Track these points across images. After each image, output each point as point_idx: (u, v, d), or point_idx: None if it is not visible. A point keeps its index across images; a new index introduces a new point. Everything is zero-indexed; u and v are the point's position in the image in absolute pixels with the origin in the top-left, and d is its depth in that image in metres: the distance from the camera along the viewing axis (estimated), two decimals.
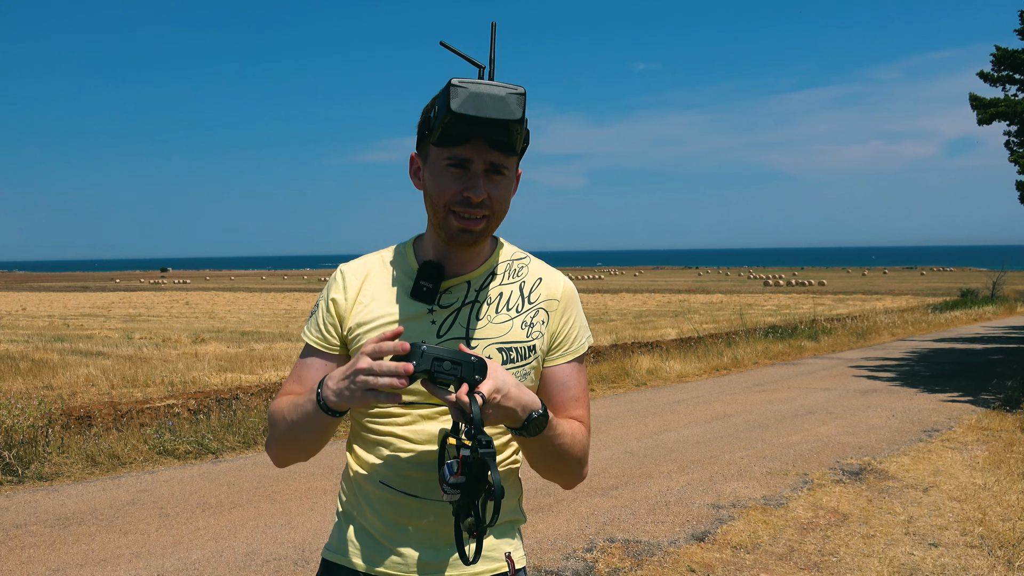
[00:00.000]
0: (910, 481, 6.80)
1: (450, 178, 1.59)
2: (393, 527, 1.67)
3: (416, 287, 1.67)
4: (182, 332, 24.15)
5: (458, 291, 1.70)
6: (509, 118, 1.50)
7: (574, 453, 1.69)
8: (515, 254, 1.80)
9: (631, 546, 5.29)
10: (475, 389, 1.42)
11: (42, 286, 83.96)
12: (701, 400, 11.35)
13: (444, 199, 1.60)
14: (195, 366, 14.92)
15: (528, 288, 1.75)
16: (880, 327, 22.41)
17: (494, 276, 1.74)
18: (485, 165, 1.58)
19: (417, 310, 1.68)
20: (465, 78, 1.51)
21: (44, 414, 8.80)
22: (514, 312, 1.71)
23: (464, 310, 1.69)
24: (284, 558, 5.12)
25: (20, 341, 20.78)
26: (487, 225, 1.63)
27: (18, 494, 6.66)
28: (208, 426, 8.57)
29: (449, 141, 1.57)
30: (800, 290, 57.59)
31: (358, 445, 1.75)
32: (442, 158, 1.60)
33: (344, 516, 1.76)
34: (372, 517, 1.69)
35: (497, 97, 1.49)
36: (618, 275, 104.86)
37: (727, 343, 17.32)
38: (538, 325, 1.72)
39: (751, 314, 28.70)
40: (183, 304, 45.54)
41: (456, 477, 1.42)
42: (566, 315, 1.76)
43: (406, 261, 1.75)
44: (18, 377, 13.42)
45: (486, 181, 1.59)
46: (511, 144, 1.57)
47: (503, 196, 1.63)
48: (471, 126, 1.51)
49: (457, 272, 1.70)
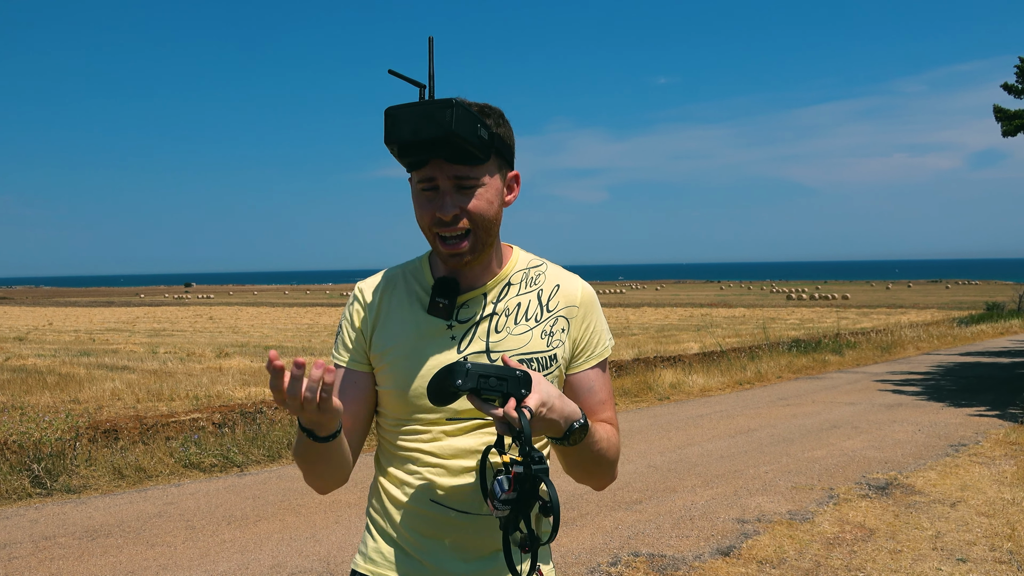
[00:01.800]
0: (937, 496, 6.74)
1: (425, 200, 1.59)
2: (422, 540, 1.67)
3: (432, 304, 1.66)
4: (206, 346, 24.31)
5: (475, 304, 1.69)
6: (440, 133, 1.47)
7: (609, 457, 1.70)
8: (531, 262, 1.78)
9: (656, 560, 5.28)
10: (522, 403, 1.41)
11: (68, 301, 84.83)
12: (725, 414, 11.30)
13: (425, 223, 1.61)
14: (219, 380, 15.02)
15: (546, 296, 1.73)
16: (905, 341, 22.23)
17: (510, 286, 1.72)
18: (451, 181, 1.56)
19: (435, 326, 1.67)
20: (397, 104, 1.51)
21: (71, 427, 8.89)
22: (533, 322, 1.70)
23: (483, 324, 1.68)
24: (309, 571, 5.15)
25: (47, 355, 20.99)
26: (474, 241, 1.61)
27: (47, 506, 6.73)
28: (233, 439, 8.63)
29: (413, 166, 1.57)
30: (823, 304, 57.23)
31: (384, 460, 1.75)
32: (415, 182, 1.60)
33: (374, 528, 1.75)
34: (402, 530, 1.69)
35: (423, 116, 1.48)
36: (640, 289, 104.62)
37: (750, 357, 17.24)
38: (558, 333, 1.70)
39: (774, 328, 28.54)
40: (207, 319, 45.86)
41: (508, 493, 1.42)
42: (587, 320, 1.75)
43: (422, 275, 1.74)
44: (46, 391, 13.56)
45: (457, 196, 1.57)
46: (468, 154, 1.53)
47: (481, 206, 1.59)
48: (417, 150, 1.52)
49: (472, 285, 1.69)
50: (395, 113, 1.50)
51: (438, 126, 1.47)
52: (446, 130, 1.47)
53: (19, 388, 13.87)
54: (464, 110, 1.49)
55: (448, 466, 1.65)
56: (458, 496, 1.65)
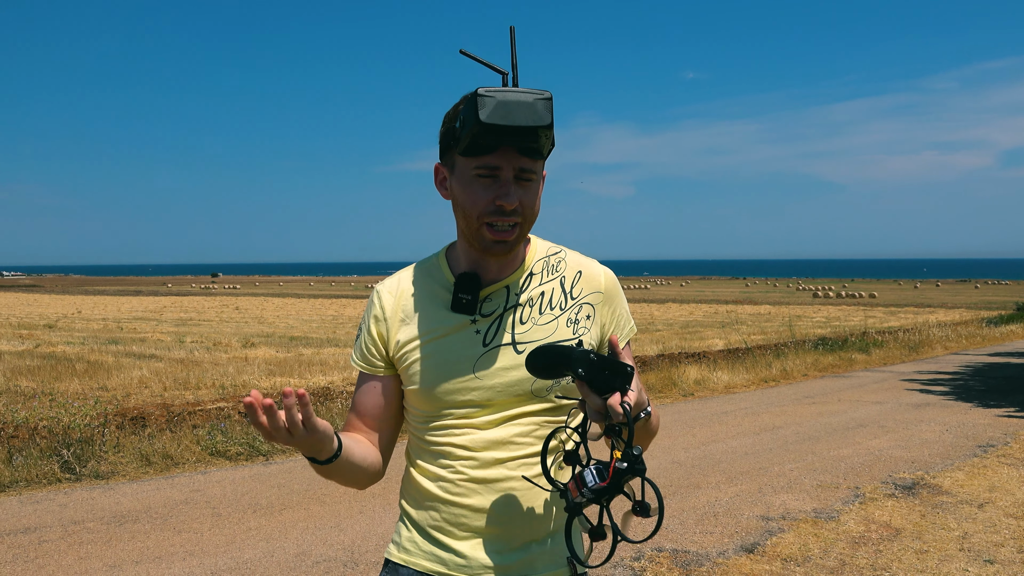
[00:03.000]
0: (965, 497, 6.67)
1: (480, 188, 1.59)
2: (455, 531, 1.68)
3: (455, 300, 1.67)
4: (232, 336, 24.51)
5: (498, 297, 1.69)
6: (539, 124, 1.49)
7: (653, 431, 1.72)
8: (550, 249, 1.78)
9: (679, 556, 5.26)
10: (625, 399, 1.42)
11: (97, 290, 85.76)
12: (749, 411, 11.24)
13: (477, 210, 1.60)
14: (245, 370, 15.14)
15: (569, 283, 1.73)
16: (933, 340, 22.00)
17: (532, 276, 1.72)
18: (514, 172, 1.57)
19: (459, 322, 1.68)
20: (490, 87, 1.50)
21: (100, 414, 9.00)
22: (558, 310, 1.70)
23: (507, 316, 1.68)
24: (334, 559, 5.18)
25: (76, 343, 21.24)
26: (519, 232, 1.62)
27: (76, 491, 6.82)
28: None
29: (477, 151, 1.56)
30: (850, 302, 56.78)
31: (415, 454, 1.76)
32: (470, 168, 1.59)
33: (407, 519, 1.77)
34: (435, 521, 1.70)
35: (525, 104, 1.48)
36: (664, 285, 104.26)
37: (776, 354, 17.14)
38: (583, 320, 1.71)
39: (800, 326, 28.35)
40: (233, 309, 46.22)
41: (602, 484, 1.41)
42: (611, 305, 1.76)
43: (441, 273, 1.74)
44: (75, 378, 13.73)
45: (516, 188, 1.58)
46: (540, 149, 1.56)
47: (533, 201, 1.61)
48: (500, 135, 1.51)
49: (494, 279, 1.70)
50: (493, 95, 1.49)
51: (536, 116, 1.48)
52: (543, 123, 1.49)
53: (49, 375, 14.06)
54: (552, 106, 1.50)
55: (480, 458, 1.66)
56: (478, 489, 1.66)
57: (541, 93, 1.49)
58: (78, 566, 5.07)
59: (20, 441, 7.85)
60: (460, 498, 1.67)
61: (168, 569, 5.02)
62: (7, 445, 7.63)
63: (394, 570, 1.75)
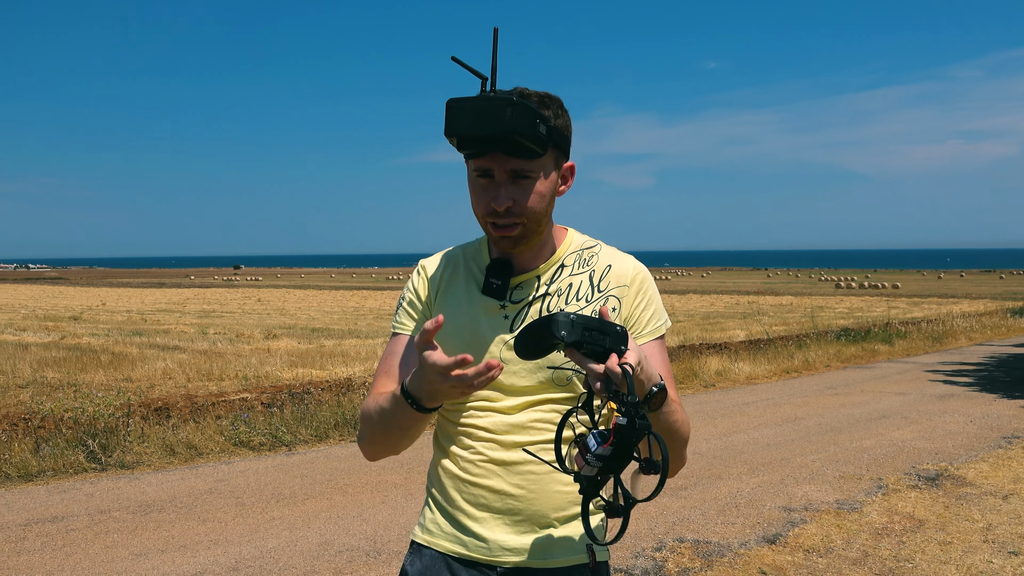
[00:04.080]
0: (989, 488, 6.62)
1: (480, 190, 1.63)
2: (477, 510, 1.71)
3: (487, 284, 1.71)
4: (255, 328, 24.66)
5: (528, 286, 1.73)
6: (498, 131, 1.49)
7: (683, 433, 1.71)
8: (585, 243, 1.81)
9: (701, 546, 5.26)
10: (623, 360, 1.39)
11: (121, 282, 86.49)
12: (771, 402, 11.20)
13: (479, 210, 1.65)
14: (268, 361, 15.23)
15: (598, 276, 1.76)
16: (957, 331, 21.82)
17: (564, 268, 1.76)
18: (507, 173, 1.59)
19: (489, 305, 1.72)
20: (459, 97, 1.52)
21: (124, 405, 9.09)
22: (584, 302, 1.72)
23: (535, 304, 1.72)
24: (356, 549, 5.22)
25: (101, 335, 21.44)
26: (524, 230, 1.64)
27: (102, 481, 6.90)
28: (281, 419, 8.76)
29: (470, 155, 1.61)
30: (873, 293, 56.38)
31: (441, 435, 1.80)
32: (472, 170, 1.64)
33: (432, 501, 1.80)
34: (457, 502, 1.73)
35: (483, 111, 1.49)
36: (685, 276, 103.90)
37: (798, 345, 17.04)
38: (609, 313, 1.69)
39: (822, 317, 28.19)
40: (255, 301, 46.49)
41: (605, 447, 1.34)
42: (637, 298, 1.76)
43: (480, 256, 1.79)
44: (99, 369, 13.86)
45: (511, 187, 1.60)
46: (526, 149, 1.56)
47: (534, 200, 1.62)
48: (474, 143, 1.54)
49: (526, 268, 1.74)
50: (456, 106, 1.51)
51: (497, 123, 1.49)
52: (505, 129, 1.49)
53: (74, 366, 14.20)
54: (524, 107, 1.50)
55: (501, 441, 1.69)
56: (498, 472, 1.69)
57: (506, 99, 1.49)
58: (104, 555, 5.13)
59: (47, 431, 7.95)
60: (480, 479, 1.70)
61: (193, 558, 5.07)
62: (34, 435, 7.73)
63: (418, 551, 1.78)
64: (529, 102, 1.56)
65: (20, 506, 6.17)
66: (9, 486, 6.75)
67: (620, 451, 1.35)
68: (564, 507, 1.70)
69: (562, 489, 1.69)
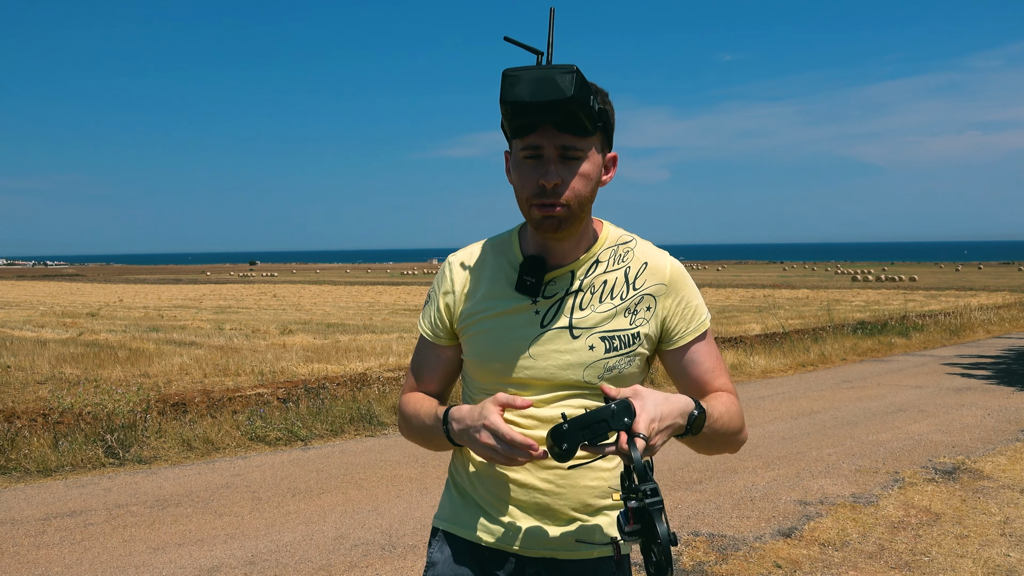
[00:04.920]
0: (1006, 481, 6.59)
1: (528, 169, 1.60)
2: (502, 503, 1.72)
3: (520, 281, 1.69)
4: (270, 323, 24.74)
5: (562, 281, 1.71)
6: (560, 97, 1.47)
7: (733, 427, 1.70)
8: (621, 238, 1.78)
9: (716, 540, 5.25)
10: (632, 433, 1.40)
11: (138, 278, 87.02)
12: (787, 396, 11.16)
13: (525, 192, 1.62)
14: (283, 356, 15.28)
15: (633, 274, 1.73)
16: (975, 324, 21.67)
17: (598, 263, 1.73)
18: (557, 150, 1.57)
19: (521, 302, 1.70)
20: (518, 67, 1.51)
21: (142, 400, 9.15)
22: (618, 300, 1.70)
23: (567, 300, 1.70)
24: (372, 543, 5.24)
25: (118, 331, 21.57)
26: (568, 212, 1.61)
27: (120, 476, 6.95)
28: (297, 414, 8.79)
29: (520, 132, 1.58)
30: (890, 286, 56.04)
31: None
32: (519, 150, 1.61)
33: (455, 488, 1.82)
34: (482, 492, 1.75)
35: (544, 79, 1.48)
36: (701, 269, 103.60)
37: (814, 339, 16.97)
38: (643, 312, 1.71)
39: (839, 310, 28.05)
40: (271, 296, 46.67)
41: (631, 526, 1.41)
42: (677, 297, 1.74)
43: (512, 251, 1.77)
44: (117, 365, 13.95)
45: (559, 166, 1.58)
46: (580, 124, 1.54)
47: (580, 181, 1.60)
48: (530, 113, 1.52)
49: (560, 263, 1.71)
50: (515, 74, 1.50)
51: (557, 90, 1.48)
52: (565, 95, 1.48)
53: (92, 362, 14.30)
54: (582, 78, 1.50)
55: (530, 435, 1.65)
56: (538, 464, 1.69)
57: (564, 67, 1.49)
58: (122, 548, 5.17)
59: (65, 427, 8.02)
60: (508, 472, 1.71)
61: (210, 552, 5.11)
62: (53, 430, 7.80)
63: (443, 539, 1.80)
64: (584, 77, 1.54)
65: (39, 500, 6.22)
66: (28, 481, 6.82)
67: (646, 525, 1.40)
68: (591, 501, 1.70)
69: (589, 484, 1.70)
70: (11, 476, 6.93)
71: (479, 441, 1.53)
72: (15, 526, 5.61)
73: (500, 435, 1.49)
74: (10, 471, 7.01)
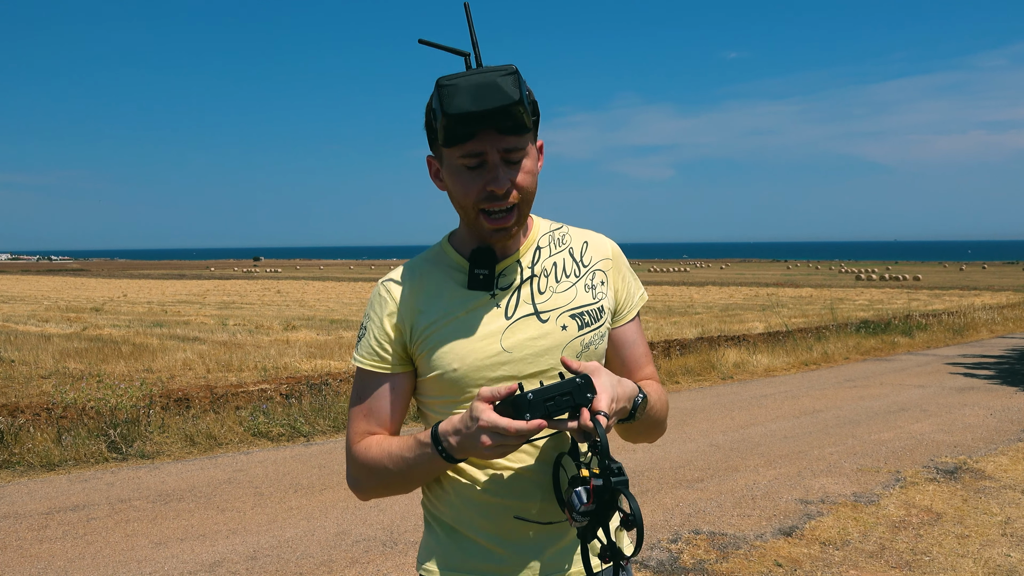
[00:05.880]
0: (1008, 481, 6.59)
1: (469, 177, 1.52)
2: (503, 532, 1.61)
3: (472, 277, 1.62)
4: (274, 319, 24.79)
5: (511, 272, 1.66)
6: (507, 102, 1.41)
7: (663, 415, 1.70)
8: (552, 225, 1.76)
9: (716, 538, 5.26)
10: (593, 409, 1.37)
11: (141, 273, 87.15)
12: (789, 395, 11.16)
13: (470, 200, 1.54)
14: (286, 352, 15.31)
15: (578, 252, 1.71)
16: (978, 323, 21.64)
17: (540, 249, 1.70)
18: (500, 154, 1.50)
19: (479, 299, 1.63)
20: (451, 74, 1.43)
21: (145, 395, 9.18)
22: (573, 277, 1.68)
23: (524, 287, 1.65)
24: (373, 539, 5.25)
25: (122, 326, 21.62)
26: (518, 215, 1.56)
27: (122, 470, 6.97)
28: (300, 410, 8.81)
29: (457, 140, 1.48)
30: (894, 285, 55.98)
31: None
32: (456, 158, 1.52)
33: (441, 528, 1.68)
34: (479, 524, 1.62)
35: (486, 85, 1.41)
36: (704, 268, 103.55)
37: (816, 338, 16.96)
38: (599, 286, 1.69)
39: (842, 309, 28.04)
40: (275, 292, 46.73)
41: (587, 505, 1.38)
42: (622, 272, 1.74)
43: (448, 258, 1.69)
44: (120, 360, 13.99)
45: (505, 169, 1.51)
46: (520, 124, 1.47)
47: (526, 179, 1.54)
48: (472, 122, 1.43)
49: (505, 254, 1.66)
50: (452, 83, 1.42)
51: (502, 94, 1.41)
52: (512, 99, 1.41)
53: (96, 357, 14.34)
54: (519, 77, 1.44)
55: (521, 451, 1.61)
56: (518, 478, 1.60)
57: (503, 69, 1.42)
58: (125, 543, 5.19)
59: (69, 421, 8.04)
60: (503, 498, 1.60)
61: (212, 546, 5.12)
62: (56, 425, 7.82)
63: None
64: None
65: (42, 495, 6.25)
66: (32, 475, 6.84)
67: (603, 506, 1.38)
68: None
69: None
70: (15, 470, 6.96)
71: (483, 445, 1.40)
72: (18, 520, 5.64)
73: (501, 429, 1.37)
74: (13, 465, 7.04)
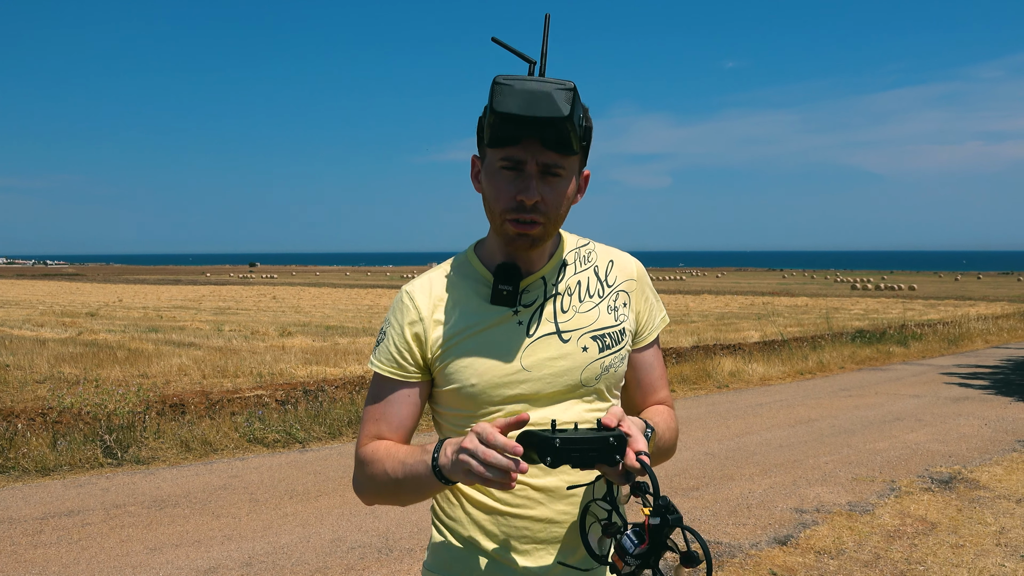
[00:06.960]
0: (1002, 491, 6.60)
1: (504, 181, 1.52)
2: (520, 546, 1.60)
3: (496, 292, 1.59)
4: (269, 325, 24.74)
5: (535, 289, 1.64)
6: (555, 115, 1.40)
7: (671, 444, 1.70)
8: (579, 242, 1.74)
9: (712, 547, 5.27)
10: (636, 449, 1.35)
11: (137, 279, 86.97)
12: (784, 404, 11.18)
13: (500, 204, 1.53)
14: (282, 358, 15.29)
15: (603, 272, 1.70)
16: (973, 333, 21.69)
17: (566, 266, 1.68)
18: (539, 166, 1.49)
19: (501, 314, 1.61)
20: (512, 75, 1.43)
21: (141, 401, 9.16)
22: (596, 297, 1.67)
23: (548, 305, 1.63)
24: (368, 545, 5.25)
25: (117, 331, 21.57)
26: (543, 231, 1.54)
27: (118, 476, 6.96)
28: (295, 416, 8.81)
29: (501, 142, 1.48)
30: (889, 294, 56.05)
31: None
32: (496, 160, 1.52)
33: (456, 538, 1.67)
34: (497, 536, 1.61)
35: (542, 93, 1.40)
36: (700, 276, 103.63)
37: (812, 347, 16.99)
38: (622, 308, 1.68)
39: (838, 318, 28.07)
40: (270, 298, 46.65)
41: (643, 547, 1.34)
42: (645, 294, 1.73)
43: (474, 269, 1.67)
44: (116, 365, 13.96)
45: (540, 183, 1.50)
46: (566, 142, 1.46)
47: (558, 200, 1.53)
48: (519, 126, 1.43)
49: (529, 270, 1.64)
50: (508, 83, 1.42)
51: (553, 107, 1.41)
52: (561, 113, 1.41)
53: (91, 362, 14.31)
54: (578, 97, 1.44)
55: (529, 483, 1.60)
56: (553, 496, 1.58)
57: (562, 83, 1.42)
58: (119, 548, 5.18)
59: (64, 426, 8.03)
60: (522, 510, 1.59)
61: (207, 553, 5.12)
62: (52, 430, 7.81)
63: None
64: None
65: (37, 500, 6.24)
66: (27, 480, 6.83)
67: (656, 548, 1.36)
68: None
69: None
70: (9, 475, 6.94)
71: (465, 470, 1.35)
72: (13, 525, 5.63)
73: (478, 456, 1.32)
74: (8, 470, 7.03)
